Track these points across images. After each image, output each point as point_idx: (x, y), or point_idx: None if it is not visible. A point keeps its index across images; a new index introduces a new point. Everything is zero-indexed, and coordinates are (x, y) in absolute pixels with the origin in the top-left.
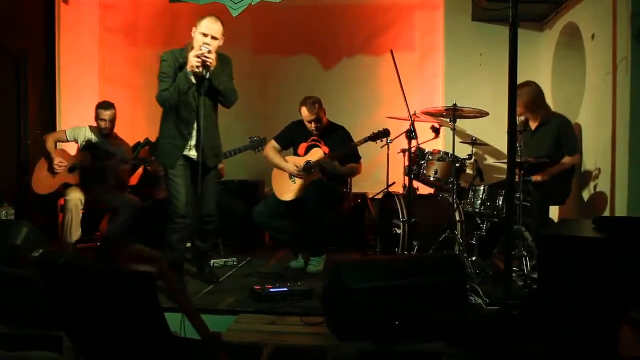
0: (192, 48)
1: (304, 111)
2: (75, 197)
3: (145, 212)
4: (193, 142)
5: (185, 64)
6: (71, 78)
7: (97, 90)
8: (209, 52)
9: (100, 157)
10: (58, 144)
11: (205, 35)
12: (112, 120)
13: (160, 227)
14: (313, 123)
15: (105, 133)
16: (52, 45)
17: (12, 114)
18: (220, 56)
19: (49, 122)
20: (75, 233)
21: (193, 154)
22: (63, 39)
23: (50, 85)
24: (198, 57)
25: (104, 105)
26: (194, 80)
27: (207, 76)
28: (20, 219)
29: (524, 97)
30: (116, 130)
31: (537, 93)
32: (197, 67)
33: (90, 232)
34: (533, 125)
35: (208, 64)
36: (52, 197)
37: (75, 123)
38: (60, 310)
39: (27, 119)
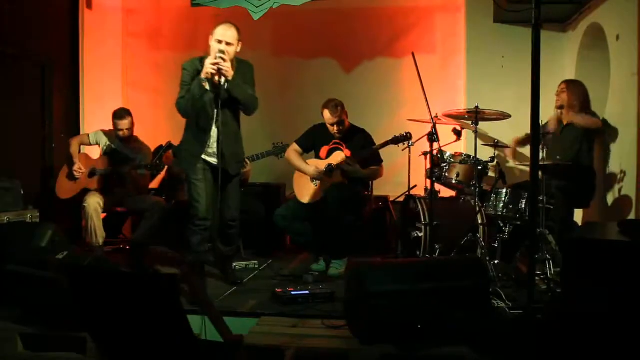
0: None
1: (326, 114)
2: (93, 202)
3: (168, 214)
4: (212, 149)
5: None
6: (94, 82)
7: (119, 94)
8: (224, 60)
9: (119, 162)
10: (82, 147)
11: (220, 42)
12: (130, 128)
13: (182, 229)
14: (335, 126)
15: (124, 139)
16: (76, 50)
17: (38, 118)
18: (240, 62)
19: (73, 126)
20: (101, 236)
21: (213, 160)
22: (87, 44)
23: (74, 90)
24: (213, 64)
25: (120, 115)
26: (207, 87)
27: (225, 86)
28: (45, 221)
29: (578, 90)
30: (138, 134)
31: (588, 95)
32: (212, 74)
33: (114, 234)
34: (565, 121)
35: (223, 72)
36: (76, 201)
37: (98, 127)
38: (84, 311)
39: (51, 123)
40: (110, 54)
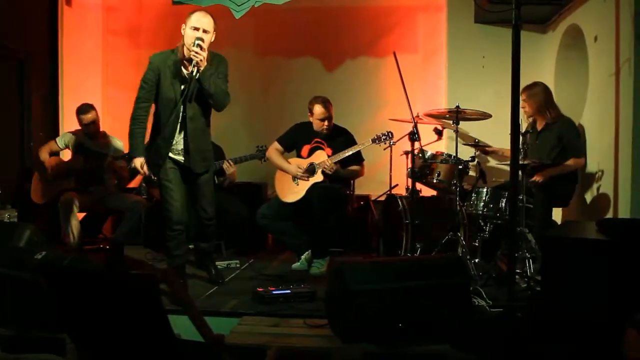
0: (183, 46)
1: (318, 108)
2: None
3: (148, 213)
4: (180, 146)
5: (172, 67)
6: (74, 80)
7: (100, 92)
8: (202, 48)
9: (93, 158)
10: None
11: (197, 29)
12: (95, 122)
13: (162, 228)
14: (325, 121)
15: (92, 135)
16: (55, 47)
17: (15, 117)
18: (214, 55)
19: (52, 125)
20: (79, 235)
21: (180, 158)
22: (66, 41)
23: (53, 88)
24: (195, 53)
25: (84, 110)
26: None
27: (197, 76)
28: (23, 221)
29: (535, 97)
30: (118, 132)
31: (548, 93)
32: (196, 57)
33: (93, 234)
34: (539, 126)
35: (198, 61)
36: (54, 201)
37: (77, 125)
38: (63, 312)
39: (30, 122)
40: (90, 51)
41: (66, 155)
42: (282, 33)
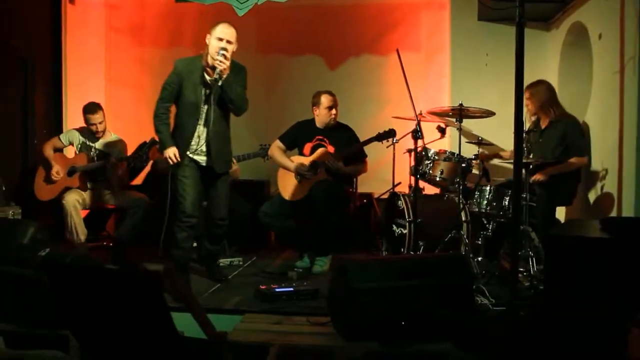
0: (207, 54)
1: (326, 97)
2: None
3: (152, 211)
4: (200, 147)
5: (196, 73)
6: (77, 78)
7: (103, 90)
8: (226, 58)
9: (97, 157)
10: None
11: (221, 39)
12: (102, 122)
13: (168, 226)
14: (333, 109)
15: (98, 135)
16: (58, 45)
17: (19, 115)
18: (235, 64)
19: (55, 123)
20: (82, 233)
21: (201, 158)
22: (69, 39)
23: (56, 86)
24: (220, 62)
25: (92, 110)
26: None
27: (220, 83)
28: (27, 218)
29: (539, 95)
30: (121, 130)
31: (551, 91)
32: (209, 71)
33: (97, 231)
34: (543, 124)
35: (221, 69)
36: (58, 199)
37: (81, 123)
38: (66, 309)
39: (33, 120)
40: (93, 49)
41: (69, 152)
42: (284, 31)
